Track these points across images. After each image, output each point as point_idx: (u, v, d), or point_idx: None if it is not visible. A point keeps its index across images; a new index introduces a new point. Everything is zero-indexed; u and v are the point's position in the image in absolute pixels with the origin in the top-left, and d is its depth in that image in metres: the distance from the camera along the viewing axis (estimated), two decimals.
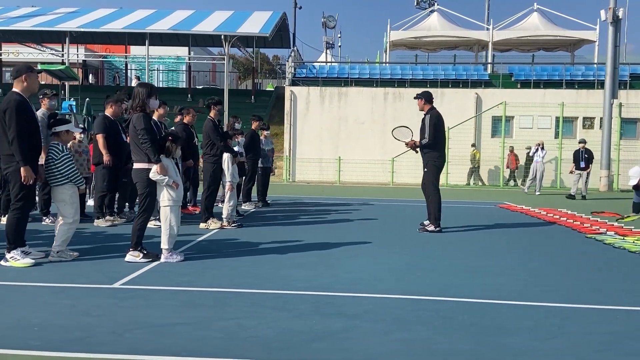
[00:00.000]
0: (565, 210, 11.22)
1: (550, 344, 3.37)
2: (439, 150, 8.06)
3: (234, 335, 3.36)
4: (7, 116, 4.98)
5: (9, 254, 5.11)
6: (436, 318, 3.83)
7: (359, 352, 3.14)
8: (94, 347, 3.08)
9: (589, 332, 3.61)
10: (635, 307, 4.24)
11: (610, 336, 3.54)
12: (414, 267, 5.53)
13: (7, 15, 27.43)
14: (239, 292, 4.38)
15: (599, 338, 3.51)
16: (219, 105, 8.23)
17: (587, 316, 3.99)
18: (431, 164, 8.02)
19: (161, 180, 5.39)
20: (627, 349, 3.32)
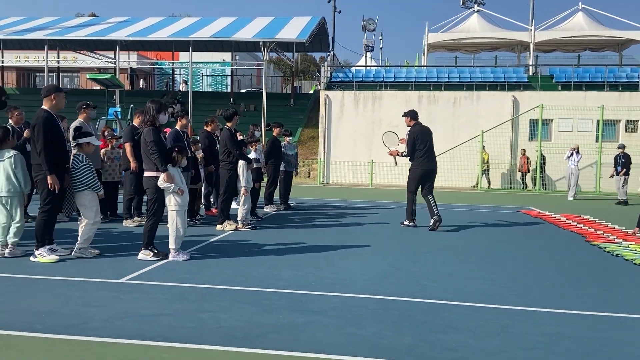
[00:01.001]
0: (587, 217, 11.20)
1: (485, 342, 3.72)
2: (418, 159, 9.12)
3: (205, 326, 3.89)
4: (36, 131, 5.72)
5: (37, 251, 5.85)
6: (392, 316, 4.23)
7: (306, 343, 3.61)
8: (85, 332, 3.68)
9: (528, 333, 3.93)
10: (591, 312, 4.49)
11: (548, 337, 3.85)
12: (396, 270, 5.92)
13: (64, 24, 29.28)
14: (224, 288, 4.91)
15: (535, 338, 3.82)
16: (236, 116, 8.81)
17: (537, 318, 4.29)
18: (411, 171, 9.26)
19: (167, 187, 6.01)
20: (558, 349, 3.63)
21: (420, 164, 9.12)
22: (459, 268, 6.10)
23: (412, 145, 9.04)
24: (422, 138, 9.07)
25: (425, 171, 9.10)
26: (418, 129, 9.17)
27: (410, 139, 9.06)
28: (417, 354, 3.45)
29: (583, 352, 3.59)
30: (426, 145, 9.08)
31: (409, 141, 9.07)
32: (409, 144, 9.06)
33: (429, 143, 9.15)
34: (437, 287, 5.21)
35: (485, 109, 22.16)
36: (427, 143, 9.10)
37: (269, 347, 3.50)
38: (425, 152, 9.08)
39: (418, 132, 9.10)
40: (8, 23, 29.51)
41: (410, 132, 9.11)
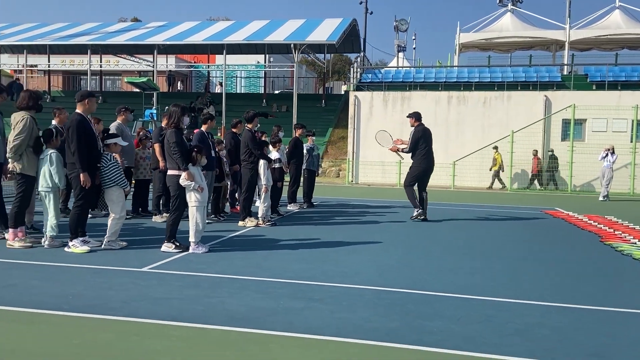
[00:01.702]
0: (611, 218, 11.15)
1: (466, 328, 4.00)
2: (418, 158, 9.94)
3: (210, 309, 4.31)
4: (70, 133, 6.28)
5: (71, 242, 6.41)
6: (384, 305, 4.56)
7: (299, 325, 3.98)
8: (105, 311, 4.16)
9: (510, 322, 4.19)
10: (577, 305, 4.70)
11: (529, 326, 4.10)
12: (401, 265, 6.22)
13: (106, 30, 30.53)
14: (235, 278, 5.33)
15: (516, 327, 4.08)
16: (257, 117, 9.25)
17: (522, 309, 4.54)
18: (412, 168, 10.06)
19: (188, 185, 6.48)
20: (534, 337, 3.88)
21: (421, 161, 9.95)
22: (462, 264, 6.35)
23: (415, 144, 9.92)
24: (424, 138, 9.93)
25: (425, 168, 9.96)
26: (422, 129, 10.01)
27: (414, 138, 9.93)
28: (398, 336, 3.77)
29: (558, 339, 3.83)
30: (428, 144, 9.96)
31: (413, 140, 9.95)
32: (413, 142, 9.94)
33: (430, 143, 10.03)
34: (436, 280, 5.50)
35: (516, 109, 22.01)
36: (428, 143, 9.98)
37: (265, 328, 3.88)
38: (426, 151, 9.93)
39: (422, 132, 9.94)
40: (54, 29, 30.97)
41: (415, 132, 9.96)
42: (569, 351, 3.59)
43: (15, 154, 6.53)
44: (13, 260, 5.87)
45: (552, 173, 21.09)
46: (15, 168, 6.61)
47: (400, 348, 3.57)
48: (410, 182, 10.15)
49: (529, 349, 3.60)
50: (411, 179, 10.12)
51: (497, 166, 21.07)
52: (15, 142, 6.47)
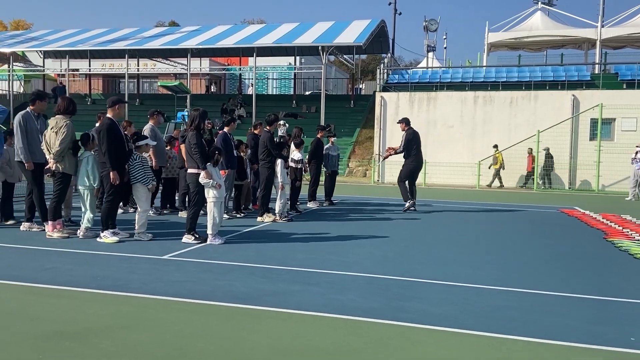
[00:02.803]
0: (626, 217, 11.27)
1: (441, 309, 4.48)
2: (411, 157, 11.49)
3: (218, 289, 4.91)
4: (101, 135, 7.01)
5: (102, 233, 7.15)
6: (372, 289, 5.07)
7: (292, 303, 4.54)
8: (125, 289, 4.82)
9: (484, 305, 4.65)
10: (553, 292, 5.10)
11: (499, 308, 4.55)
12: (400, 257, 6.70)
13: (142, 35, 31.80)
14: (245, 265, 5.93)
15: (487, 309, 4.54)
16: (276, 121, 9.85)
17: (499, 295, 4.98)
18: (405, 166, 11.53)
19: (207, 183, 7.13)
20: (500, 316, 4.33)
21: (413, 160, 11.54)
22: (459, 257, 6.79)
23: (408, 145, 11.47)
24: (415, 140, 11.57)
25: (416, 166, 11.59)
26: (412, 132, 11.65)
27: (407, 140, 11.53)
28: (375, 314, 4.28)
29: (522, 319, 4.26)
30: (418, 146, 11.59)
31: (405, 142, 11.53)
32: (406, 143, 11.51)
33: (420, 145, 11.67)
34: (428, 270, 5.96)
35: (543, 109, 22.00)
36: (418, 144, 11.62)
37: (260, 305, 4.46)
38: (417, 151, 11.55)
39: (412, 135, 11.58)
40: (94, 34, 32.45)
41: (407, 135, 11.58)
42: (527, 329, 4.02)
43: (59, 156, 7.29)
44: (52, 248, 6.64)
45: (547, 172, 21.15)
46: (59, 168, 7.38)
47: (375, 322, 4.09)
48: (403, 179, 11.63)
49: (489, 326, 4.06)
50: (404, 176, 11.61)
51: (498, 164, 21.24)
52: (61, 145, 7.20)
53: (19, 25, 59.84)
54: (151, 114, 10.14)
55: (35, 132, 7.63)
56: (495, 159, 21.40)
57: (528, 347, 3.69)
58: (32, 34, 35.47)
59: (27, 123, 7.60)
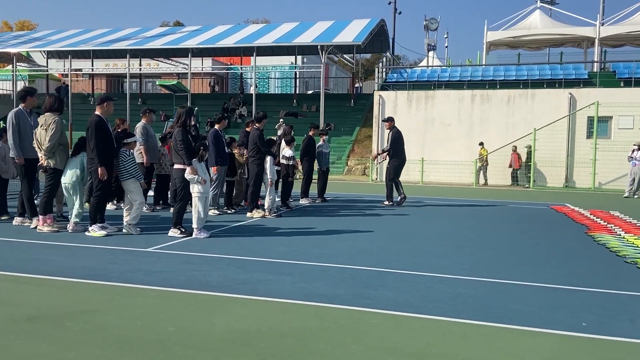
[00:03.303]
0: (615, 213, 11.38)
1: (402, 296, 4.66)
2: (396, 156, 12.17)
3: (193, 279, 5.11)
4: (89, 132, 7.23)
5: (90, 227, 7.37)
6: (341, 278, 5.26)
7: (262, 290, 4.73)
8: (103, 279, 5.03)
9: (444, 292, 4.82)
10: (514, 281, 5.26)
11: (458, 295, 4.72)
12: (377, 249, 6.88)
13: (144, 35, 32.09)
14: (224, 257, 6.13)
15: (447, 295, 4.72)
16: (265, 119, 10.03)
17: (462, 284, 5.15)
18: (391, 164, 12.23)
19: (192, 178, 7.33)
20: (456, 302, 4.50)
21: (399, 157, 12.23)
22: (435, 249, 6.97)
23: (394, 143, 12.12)
24: (400, 138, 12.21)
25: (401, 162, 12.27)
26: (397, 131, 12.27)
27: (393, 139, 12.17)
28: (338, 300, 4.47)
29: (478, 305, 4.43)
30: (402, 144, 12.25)
31: (392, 140, 12.16)
32: (392, 142, 12.15)
33: (403, 143, 12.31)
34: (400, 261, 6.14)
35: (541, 107, 22.09)
36: (402, 143, 12.26)
37: (230, 292, 4.65)
38: (401, 149, 12.22)
39: (398, 134, 12.23)
40: (97, 34, 32.77)
41: (393, 134, 12.24)
42: (481, 314, 4.19)
43: (50, 152, 7.52)
44: (41, 241, 6.87)
45: (529, 169, 21.30)
46: (50, 164, 7.61)
47: (336, 307, 4.28)
48: (395, 176, 12.22)
49: (445, 311, 4.24)
50: (393, 174, 12.23)
51: (483, 162, 21.42)
52: (51, 141, 7.44)
53: (24, 25, 60.40)
54: (143, 112, 10.37)
55: (29, 129, 7.86)
56: (480, 157, 21.64)
57: (478, 330, 3.87)
58: (35, 34, 35.86)
59: (19, 120, 7.83)
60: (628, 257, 6.55)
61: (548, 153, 21.26)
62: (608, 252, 7.01)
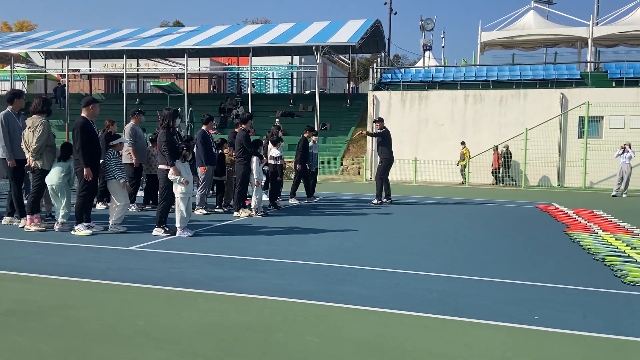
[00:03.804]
0: (599, 212, 11.54)
1: (370, 291, 4.84)
2: (384, 155, 12.65)
3: (169, 276, 5.29)
4: (75, 133, 7.41)
5: (76, 226, 7.55)
6: (314, 274, 5.44)
7: (235, 287, 4.91)
8: (84, 276, 5.20)
9: (412, 288, 5.01)
10: (483, 278, 5.44)
11: (423, 291, 4.90)
12: (354, 247, 7.06)
13: (141, 35, 32.28)
14: (204, 255, 6.31)
15: (412, 290, 4.89)
16: (251, 119, 10.21)
17: (432, 280, 5.32)
18: (382, 162, 12.72)
19: (174, 179, 7.51)
20: (421, 297, 4.67)
21: (389, 156, 12.67)
22: (413, 247, 7.15)
23: (383, 137, 12.58)
24: (389, 138, 12.72)
25: (390, 162, 12.70)
26: (386, 131, 12.72)
27: (382, 136, 12.67)
28: (307, 295, 4.66)
29: (441, 300, 4.61)
30: (390, 143, 12.74)
31: (382, 135, 12.69)
32: (381, 136, 12.66)
33: (391, 142, 12.78)
34: (376, 259, 6.31)
35: (533, 107, 22.25)
36: (391, 142, 12.75)
37: (203, 289, 4.83)
38: (389, 148, 12.67)
39: (387, 134, 12.70)
40: (94, 35, 32.96)
41: (383, 134, 12.72)
42: (442, 308, 4.37)
43: (37, 153, 7.71)
44: (27, 240, 7.05)
45: (507, 169, 21.47)
46: (37, 164, 7.79)
47: (303, 302, 4.47)
48: (382, 175, 12.71)
49: (406, 305, 4.42)
50: (382, 173, 12.73)
51: (465, 161, 21.54)
52: (38, 143, 7.64)
53: (23, 26, 60.57)
54: (132, 113, 10.54)
55: (18, 130, 8.04)
56: (462, 156, 21.88)
57: (436, 322, 4.05)
58: (33, 35, 36.06)
59: (8, 122, 8.01)
60: (598, 255, 6.73)
61: (540, 153, 21.41)
62: (581, 249, 7.18)
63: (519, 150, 21.43)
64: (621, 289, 5.13)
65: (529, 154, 21.14)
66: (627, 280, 5.39)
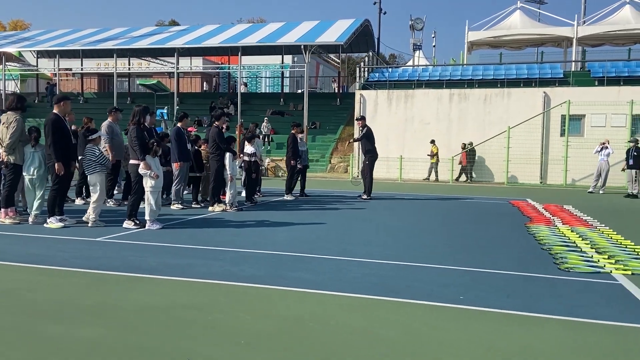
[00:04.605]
0: (567, 207, 11.86)
1: (316, 276, 5.14)
2: (369, 153, 12.95)
3: (127, 263, 5.56)
4: (47, 129, 7.68)
5: (48, 219, 7.82)
6: (266, 262, 5.72)
7: (188, 272, 5.18)
8: (48, 263, 5.48)
9: (357, 273, 5.30)
10: (429, 265, 5.73)
11: (369, 276, 5.19)
12: (318, 239, 7.34)
13: (132, 34, 32.51)
14: (167, 245, 6.57)
15: (356, 275, 5.19)
16: (223, 116, 10.48)
17: (375, 266, 5.61)
18: (368, 160, 13.02)
19: (145, 173, 7.79)
20: (366, 281, 4.95)
21: (373, 154, 12.99)
22: (373, 239, 7.42)
23: (366, 137, 12.91)
24: (373, 136, 12.98)
25: (374, 159, 13.01)
26: (369, 130, 13.09)
27: (366, 136, 12.97)
28: (254, 279, 4.94)
29: (380, 284, 4.89)
30: (374, 142, 13.05)
31: (365, 134, 12.98)
32: (365, 136, 12.95)
33: (374, 140, 13.08)
34: (327, 248, 6.60)
35: (516, 106, 22.56)
36: (374, 140, 13.05)
37: (157, 274, 5.11)
38: (373, 146, 12.99)
39: (371, 132, 13.06)
40: (85, 34, 33.16)
41: (367, 132, 13.04)
42: (374, 290, 4.66)
43: (10, 148, 7.97)
44: (1, 232, 7.31)
45: (471, 166, 21.96)
46: (10, 159, 8.05)
47: (247, 285, 4.75)
48: (369, 170, 13.05)
49: (343, 287, 4.71)
50: (369, 169, 13.03)
51: (435, 159, 22.07)
52: (12, 139, 7.90)
53: (17, 25, 60.68)
54: (109, 111, 10.79)
55: None
56: (432, 153, 22.32)
57: (368, 302, 4.33)
58: (24, 34, 36.23)
59: None
60: (546, 245, 7.02)
61: (523, 150, 21.73)
62: (533, 240, 7.47)
63: (501, 148, 21.75)
64: (554, 274, 5.42)
65: (513, 151, 21.45)
66: (563, 267, 5.68)
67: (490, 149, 22.17)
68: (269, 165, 24.55)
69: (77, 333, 3.56)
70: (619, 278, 5.27)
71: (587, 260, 6.01)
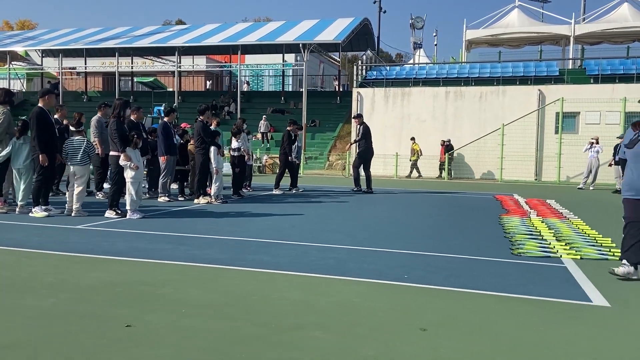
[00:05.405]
0: (549, 201, 12.03)
1: (275, 259, 5.37)
2: (364, 147, 13.43)
3: (99, 248, 5.83)
4: (31, 122, 7.98)
5: (33, 208, 8.12)
6: (234, 247, 5.98)
7: (153, 255, 5.44)
8: (20, 246, 5.76)
9: (315, 257, 5.52)
10: (389, 250, 5.96)
11: (322, 259, 5.41)
12: (290, 227, 7.58)
13: (134, 33, 32.91)
14: (142, 232, 6.84)
15: (312, 259, 5.41)
16: (207, 110, 10.74)
17: (337, 251, 5.84)
18: (359, 154, 13.56)
19: (125, 164, 8.07)
20: (317, 264, 5.19)
21: (367, 149, 13.43)
22: (342, 228, 7.65)
23: (364, 136, 13.40)
24: (369, 132, 13.49)
25: (368, 155, 13.48)
26: (366, 126, 13.54)
27: (363, 133, 13.45)
28: (214, 261, 5.19)
29: (335, 265, 5.13)
30: (370, 137, 13.48)
31: (363, 134, 13.45)
32: (362, 136, 13.46)
33: (371, 137, 13.54)
34: (296, 235, 6.85)
35: (511, 104, 22.70)
36: (370, 136, 13.49)
37: (121, 257, 5.38)
38: (370, 141, 13.44)
39: (367, 129, 13.52)
40: (88, 33, 33.63)
41: (363, 129, 13.52)
42: (328, 270, 4.90)
43: None
44: None
45: (449, 162, 22.16)
46: None
47: (205, 266, 5.01)
48: (357, 165, 13.70)
49: (298, 268, 4.96)
50: (358, 163, 13.70)
51: (415, 156, 22.28)
52: None
53: (24, 25, 61.40)
54: (99, 106, 11.07)
55: None
56: (413, 151, 22.51)
57: (318, 281, 4.57)
58: (29, 33, 36.78)
59: None
60: (509, 234, 7.22)
61: (518, 148, 21.86)
62: (501, 230, 7.67)
63: (496, 146, 21.90)
64: (505, 258, 5.63)
65: (507, 149, 21.60)
66: (516, 252, 5.89)
67: (485, 147, 22.32)
68: (266, 162, 24.83)
69: (31, 303, 3.83)
70: (567, 262, 5.48)
71: (543, 247, 6.22)
